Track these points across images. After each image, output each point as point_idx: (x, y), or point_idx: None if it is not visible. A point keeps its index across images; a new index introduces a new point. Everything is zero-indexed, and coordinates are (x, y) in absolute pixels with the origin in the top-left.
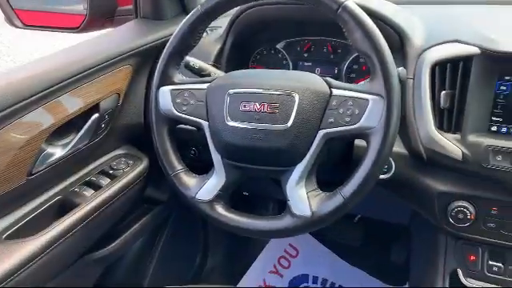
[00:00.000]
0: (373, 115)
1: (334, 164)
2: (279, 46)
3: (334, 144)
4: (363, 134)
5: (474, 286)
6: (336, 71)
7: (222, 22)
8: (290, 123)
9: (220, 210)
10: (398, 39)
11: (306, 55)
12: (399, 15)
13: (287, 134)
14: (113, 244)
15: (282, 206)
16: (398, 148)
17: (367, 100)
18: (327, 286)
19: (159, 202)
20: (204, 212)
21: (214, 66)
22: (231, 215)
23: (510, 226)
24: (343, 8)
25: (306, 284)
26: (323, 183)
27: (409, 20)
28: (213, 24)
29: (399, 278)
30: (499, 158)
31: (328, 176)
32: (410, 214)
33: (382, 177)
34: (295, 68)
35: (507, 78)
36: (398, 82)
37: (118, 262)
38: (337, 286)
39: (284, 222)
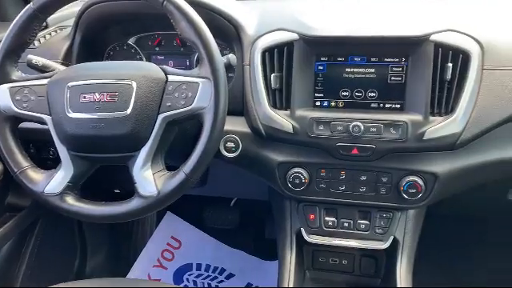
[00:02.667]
0: (203, 96)
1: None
2: (131, 41)
3: (188, 127)
4: (198, 115)
5: (314, 241)
6: (188, 63)
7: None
8: (129, 110)
9: (70, 201)
10: (233, 29)
11: (157, 49)
12: (234, 8)
13: (128, 120)
14: None
15: None
16: (243, 128)
17: (198, 83)
18: (210, 270)
19: (22, 208)
20: (54, 205)
21: (62, 63)
22: (82, 205)
23: (336, 185)
24: (168, 0)
25: (190, 272)
26: None
27: (243, 12)
28: (65, 23)
29: (275, 252)
30: (321, 127)
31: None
32: (267, 189)
33: (231, 155)
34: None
35: (323, 58)
36: (222, 65)
37: None
38: (219, 268)
39: (133, 203)
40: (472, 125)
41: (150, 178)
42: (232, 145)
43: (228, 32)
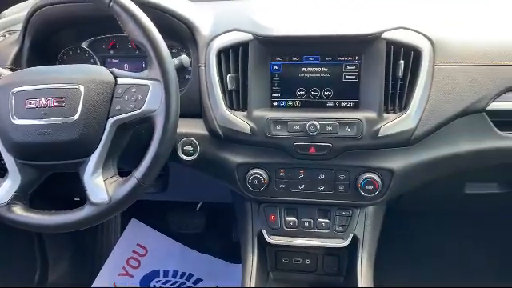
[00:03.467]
0: (154, 99)
1: None
2: (84, 44)
3: (142, 131)
4: (149, 118)
5: (275, 241)
6: (144, 65)
7: None
8: (77, 115)
9: (18, 211)
10: (187, 30)
11: (112, 52)
12: (188, 9)
13: (76, 125)
14: None
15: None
16: (201, 130)
17: (148, 85)
18: (178, 276)
19: None
20: (0, 215)
21: (11, 69)
22: (31, 215)
23: (295, 185)
24: (115, 2)
25: (157, 279)
26: None
27: (198, 13)
28: (14, 27)
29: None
30: (278, 127)
31: None
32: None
33: (189, 158)
34: (103, 66)
35: (278, 58)
36: (172, 66)
37: None
38: (187, 274)
39: (84, 212)
40: (425, 120)
41: (101, 185)
42: (190, 148)
43: (182, 33)
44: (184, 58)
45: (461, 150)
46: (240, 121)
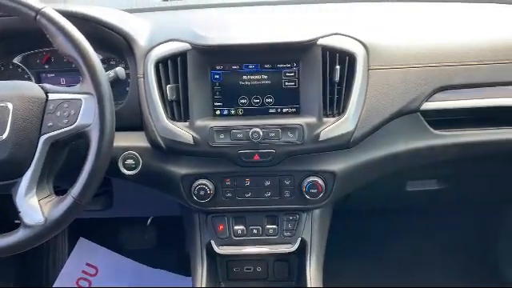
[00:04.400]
0: (87, 113)
1: None
2: (16, 60)
3: (80, 147)
4: (83, 133)
5: (224, 251)
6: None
7: None
8: (5, 134)
9: None
10: (124, 42)
11: (47, 67)
12: (124, 19)
13: (4, 145)
14: None
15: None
16: (143, 143)
17: (80, 100)
18: None
19: None
20: None
21: None
22: None
23: (242, 193)
24: (41, 14)
25: None
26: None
27: (134, 23)
28: None
29: None
30: (222, 136)
31: None
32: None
33: (131, 173)
34: (39, 81)
35: (218, 67)
36: (106, 79)
37: None
38: None
39: (18, 235)
40: (363, 123)
41: (35, 206)
42: (132, 162)
43: (119, 45)
44: (119, 69)
45: (398, 149)
46: (182, 131)
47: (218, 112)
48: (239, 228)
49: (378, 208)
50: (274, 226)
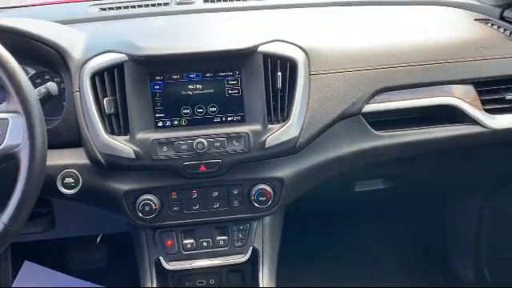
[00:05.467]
0: (15, 133)
1: None
2: None
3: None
4: (12, 154)
5: (174, 267)
6: (7, 96)
7: None
8: None
9: None
10: (57, 55)
11: None
12: (55, 32)
13: None
14: None
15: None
16: (82, 160)
17: (7, 119)
18: None
19: None
20: None
21: None
22: None
23: (189, 206)
24: None
25: None
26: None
27: (67, 36)
28: None
29: None
30: (165, 148)
31: None
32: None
33: (70, 192)
34: None
35: (158, 78)
36: (34, 95)
37: None
38: None
39: None
40: (307, 128)
41: None
42: (71, 180)
43: (52, 58)
44: (50, 85)
45: (343, 152)
46: (122, 146)
47: (160, 124)
48: (189, 242)
49: (328, 210)
50: (225, 237)
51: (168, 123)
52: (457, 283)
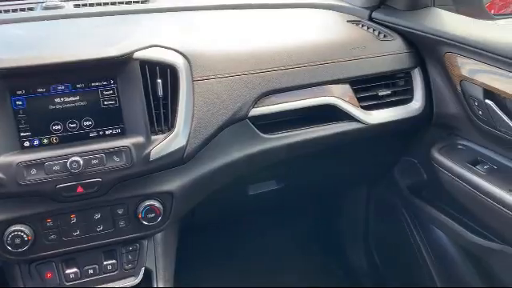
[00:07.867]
0: None
1: None
2: None
3: None
4: None
5: None
6: None
7: None
8: None
9: None
10: None
11: None
12: None
13: None
14: None
15: None
16: None
17: None
18: None
19: None
20: None
21: None
22: None
23: (69, 232)
24: None
25: None
26: None
27: None
28: None
29: None
30: (34, 171)
31: None
32: None
33: None
34: None
35: (19, 92)
36: None
37: None
38: None
39: None
40: (194, 136)
41: None
42: None
43: None
44: None
45: (234, 157)
46: None
47: (26, 143)
48: (71, 272)
49: (225, 217)
50: (113, 261)
51: (36, 142)
52: (352, 274)
